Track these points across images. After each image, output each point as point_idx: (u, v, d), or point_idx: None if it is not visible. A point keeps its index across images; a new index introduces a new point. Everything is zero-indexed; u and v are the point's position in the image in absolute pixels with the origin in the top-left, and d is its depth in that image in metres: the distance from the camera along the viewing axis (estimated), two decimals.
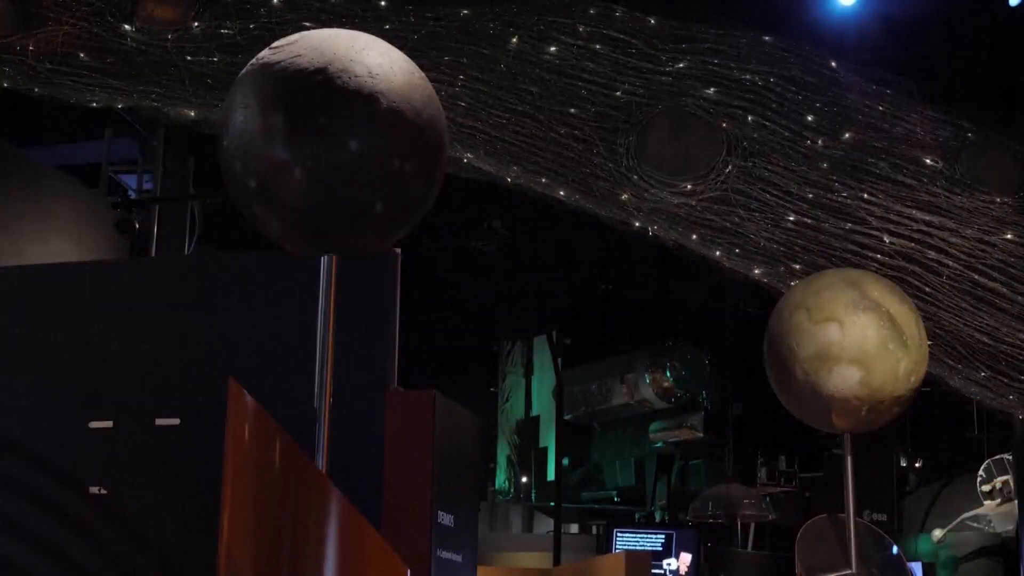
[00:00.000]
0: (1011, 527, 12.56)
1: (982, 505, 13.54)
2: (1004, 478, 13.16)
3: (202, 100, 6.62)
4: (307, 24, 6.18)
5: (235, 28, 6.49)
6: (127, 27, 6.52)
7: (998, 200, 6.54)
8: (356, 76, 3.29)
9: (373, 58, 3.36)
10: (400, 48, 3.53)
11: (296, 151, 3.23)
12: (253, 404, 3.12)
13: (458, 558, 5.19)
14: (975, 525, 13.78)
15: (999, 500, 13.30)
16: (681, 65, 6.59)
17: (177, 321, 5.34)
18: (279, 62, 3.33)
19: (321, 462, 3.37)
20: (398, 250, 5.17)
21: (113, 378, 5.24)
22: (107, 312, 5.38)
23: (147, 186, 10.44)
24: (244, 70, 3.43)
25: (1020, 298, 6.41)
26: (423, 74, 3.50)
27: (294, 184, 3.25)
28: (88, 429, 5.16)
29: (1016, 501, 11.01)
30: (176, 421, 5.09)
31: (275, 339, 5.12)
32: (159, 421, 5.11)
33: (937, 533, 14.02)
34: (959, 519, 13.89)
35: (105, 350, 5.30)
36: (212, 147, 3.52)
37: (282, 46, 3.39)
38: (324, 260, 3.53)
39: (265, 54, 3.40)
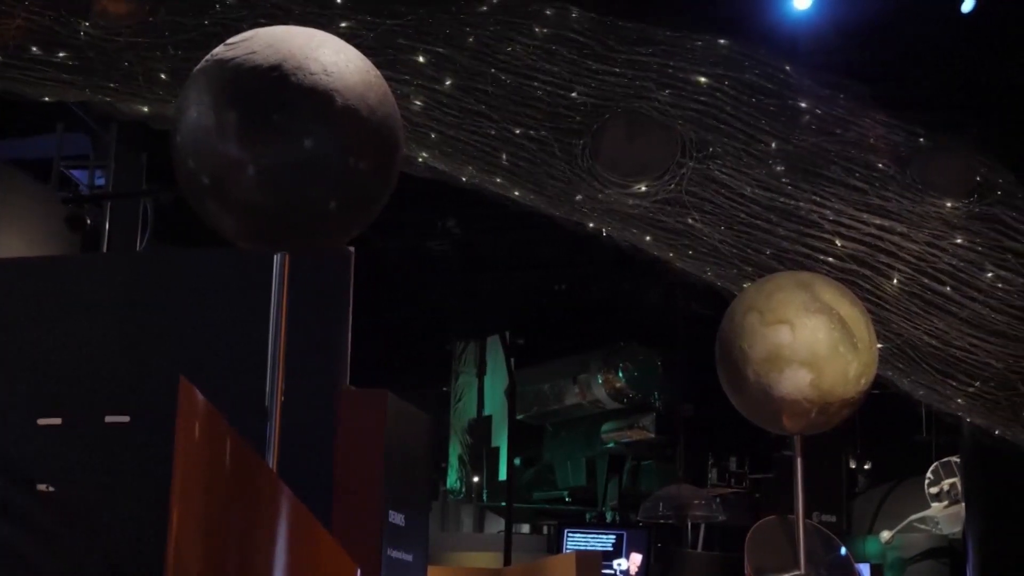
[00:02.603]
0: (958, 529, 12.69)
1: (930, 507, 13.66)
2: (952, 480, 13.29)
3: (156, 96, 6.58)
4: (263, 21, 6.16)
5: (190, 24, 6.45)
6: (82, 21, 6.47)
7: (949, 205, 6.59)
8: (311, 74, 3.28)
9: (328, 56, 3.35)
10: (356, 46, 3.52)
11: (250, 148, 3.22)
12: (203, 402, 3.11)
13: (408, 558, 5.18)
14: (923, 527, 13.90)
15: (947, 502, 13.43)
16: (636, 67, 6.61)
17: (128, 318, 5.29)
18: (233, 58, 3.32)
19: (271, 461, 3.36)
20: (351, 249, 5.16)
21: (62, 375, 5.19)
22: (57, 308, 5.33)
23: (99, 182, 10.37)
24: (198, 66, 3.41)
25: (969, 303, 6.47)
26: (378, 72, 3.50)
27: (247, 181, 3.24)
28: (36, 426, 5.11)
29: (963, 503, 11.12)
30: (126, 419, 5.05)
31: (226, 337, 5.09)
32: (109, 418, 5.07)
33: (885, 535, 14.13)
34: (907, 521, 14.01)
35: (54, 347, 5.25)
36: (165, 143, 3.50)
37: (237, 42, 3.37)
38: (277, 258, 3.51)
39: (220, 50, 3.39)
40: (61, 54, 6.49)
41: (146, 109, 6.72)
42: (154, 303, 5.32)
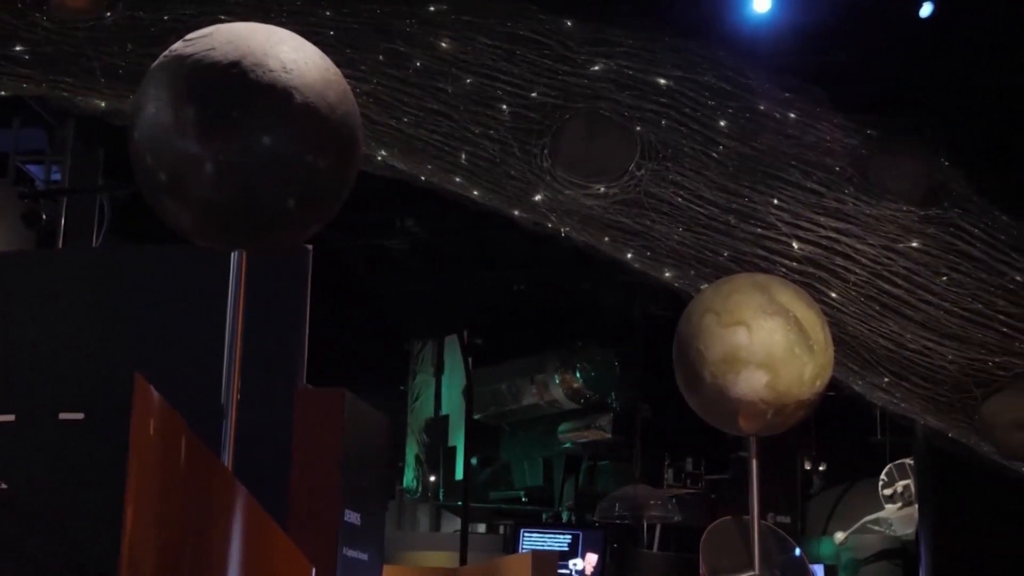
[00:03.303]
0: (911, 530, 12.77)
1: (883, 509, 13.75)
2: (905, 482, 13.38)
3: (114, 91, 6.54)
4: (222, 17, 6.13)
5: (149, 19, 6.42)
6: (39, 16, 6.42)
7: (905, 208, 6.64)
8: (270, 71, 3.27)
9: (288, 53, 3.34)
10: (315, 44, 3.51)
11: (208, 145, 3.21)
12: (159, 400, 3.10)
13: (364, 557, 5.17)
14: (876, 528, 13.99)
15: (900, 504, 13.53)
16: (597, 68, 6.62)
17: (83, 314, 5.26)
18: (192, 55, 3.30)
19: (227, 459, 3.34)
20: (310, 247, 5.15)
21: (16, 371, 5.16)
22: (11, 304, 5.30)
23: (55, 177, 10.29)
24: (156, 62, 3.39)
25: (924, 305, 6.51)
26: (338, 70, 3.49)
27: (205, 178, 3.23)
28: None
29: (916, 505, 11.20)
30: (80, 416, 5.02)
31: (183, 334, 5.07)
32: (63, 415, 5.04)
33: (839, 536, 14.21)
34: (861, 522, 14.10)
35: (9, 342, 5.21)
36: (122, 139, 3.48)
37: (196, 38, 3.36)
38: (234, 255, 3.50)
39: (178, 46, 3.37)
40: (18, 48, 6.44)
41: (103, 104, 6.67)
42: (110, 300, 5.29)
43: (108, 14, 6.44)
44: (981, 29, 8.08)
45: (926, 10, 8.12)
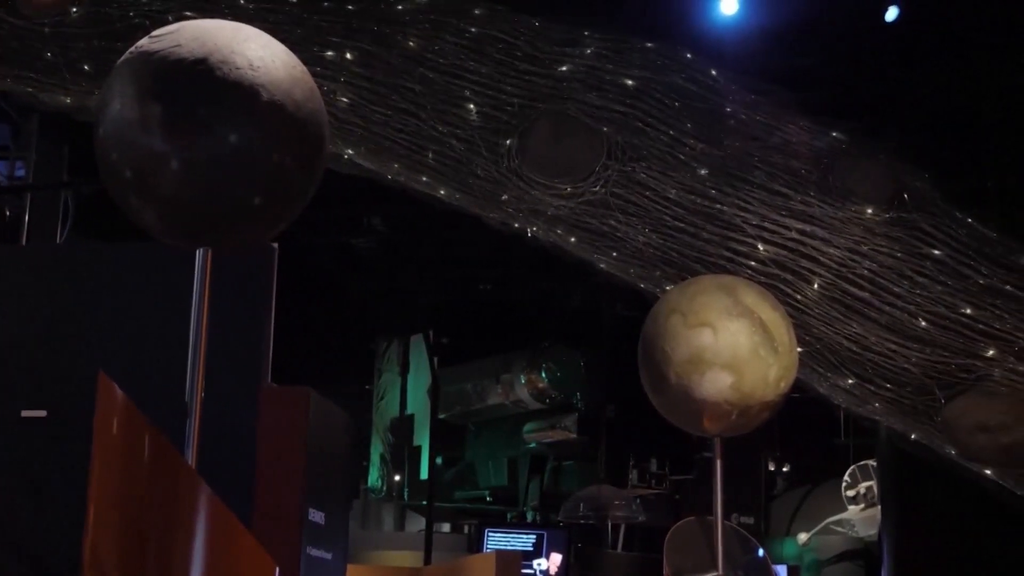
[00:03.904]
0: (874, 532, 12.84)
1: (846, 510, 13.82)
2: (868, 484, 13.45)
3: (79, 87, 6.50)
4: (189, 13, 6.10)
5: (115, 14, 6.38)
6: (3, 11, 6.38)
7: (869, 211, 6.67)
8: (237, 68, 3.26)
9: (255, 50, 3.33)
10: (282, 41, 3.50)
11: (173, 142, 3.19)
12: (123, 398, 3.08)
13: (328, 556, 5.16)
14: (839, 529, 14.06)
15: (863, 505, 13.60)
16: (564, 68, 6.62)
17: (47, 311, 5.23)
18: (158, 51, 3.29)
19: (191, 458, 3.33)
20: (275, 245, 5.13)
21: None
22: None
23: (19, 173, 10.22)
24: (122, 58, 3.38)
25: (888, 308, 6.55)
26: (305, 68, 3.48)
27: (171, 176, 3.21)
28: None
29: (879, 506, 11.26)
30: (43, 413, 4.98)
31: (148, 332, 5.05)
32: (25, 412, 5.00)
33: (802, 536, 14.27)
34: (824, 523, 14.17)
35: None
36: (88, 135, 3.46)
37: (162, 35, 3.34)
38: (200, 253, 3.49)
39: (144, 42, 3.36)
40: None
41: (69, 100, 6.63)
42: (74, 297, 5.27)
43: (74, 9, 6.41)
44: (946, 34, 8.14)
45: (892, 14, 8.17)
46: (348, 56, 6.48)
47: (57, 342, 5.17)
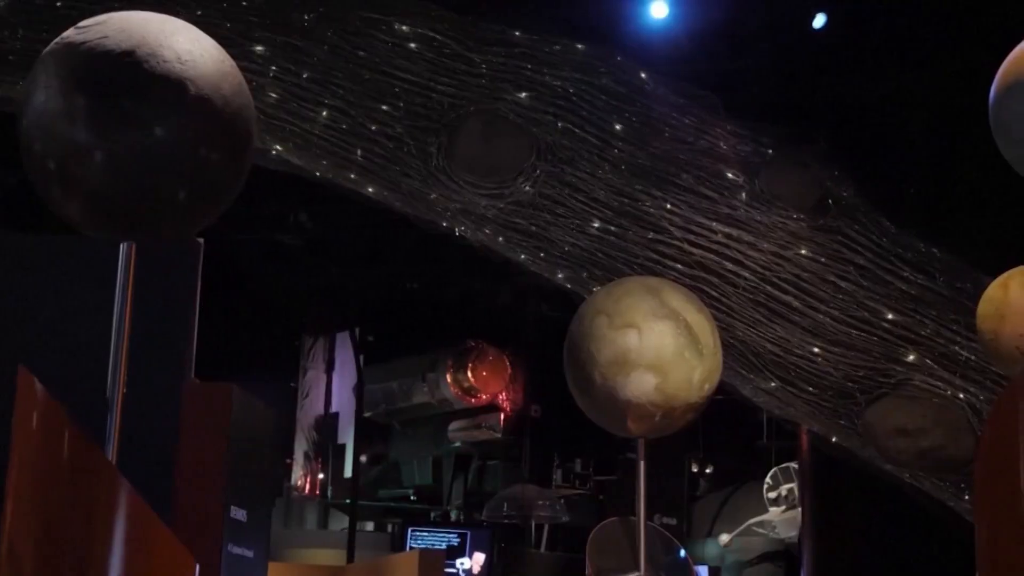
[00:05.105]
0: (794, 533, 12.95)
1: (768, 511, 13.93)
2: (789, 486, 13.57)
3: (3, 77, 6.42)
4: (116, 5, 6.04)
5: (42, 4, 6.31)
6: None
7: (794, 216, 6.73)
8: (165, 61, 3.23)
9: (183, 44, 3.31)
10: (211, 36, 3.48)
11: (98, 134, 3.16)
12: (43, 393, 3.05)
13: (250, 554, 5.13)
14: (760, 531, 14.17)
15: (784, 507, 13.72)
16: (494, 68, 6.63)
17: None
18: (85, 42, 3.25)
19: (111, 453, 3.30)
20: (201, 240, 5.10)
21: None
22: None
23: None
24: (47, 48, 3.34)
25: (811, 312, 6.62)
26: (234, 63, 3.46)
27: (95, 168, 3.18)
28: None
29: (800, 508, 11.38)
30: None
31: (69, 326, 4.99)
32: None
33: (724, 538, 14.36)
34: (746, 524, 14.26)
35: None
36: (11, 126, 3.42)
37: (89, 26, 3.31)
38: (123, 247, 3.46)
39: (70, 33, 3.32)
40: None
41: None
42: None
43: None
44: (873, 40, 8.23)
45: (819, 21, 8.26)
46: (277, 51, 6.45)
47: None
